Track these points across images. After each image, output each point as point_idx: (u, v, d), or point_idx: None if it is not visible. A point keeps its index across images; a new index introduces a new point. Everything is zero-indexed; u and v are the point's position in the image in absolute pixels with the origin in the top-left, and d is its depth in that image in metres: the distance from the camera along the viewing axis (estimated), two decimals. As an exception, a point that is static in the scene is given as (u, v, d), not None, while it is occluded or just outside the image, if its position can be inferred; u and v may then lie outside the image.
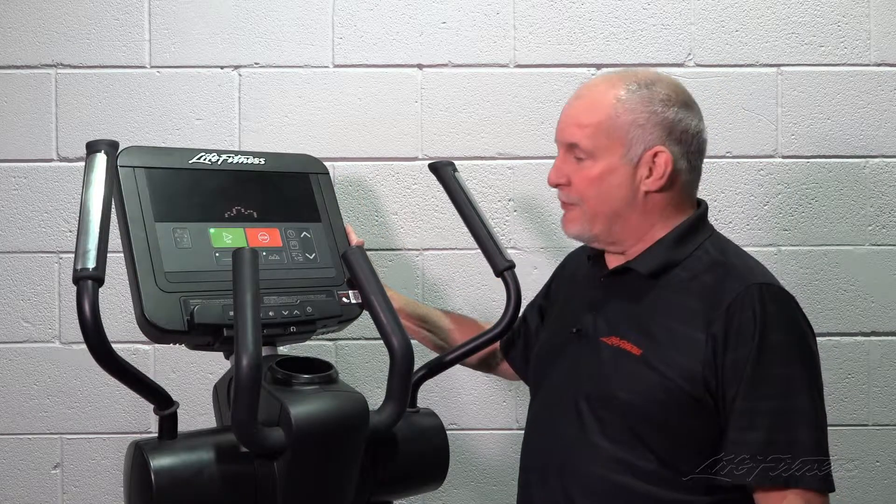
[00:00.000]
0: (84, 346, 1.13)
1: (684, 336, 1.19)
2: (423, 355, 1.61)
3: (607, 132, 1.23)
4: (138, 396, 1.21)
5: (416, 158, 1.90)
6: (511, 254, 1.66)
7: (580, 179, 1.26)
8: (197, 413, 1.77)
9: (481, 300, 1.90)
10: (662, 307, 1.23)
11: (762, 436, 1.13)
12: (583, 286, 1.40)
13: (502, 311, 1.53)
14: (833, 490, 1.17)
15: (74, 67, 1.87)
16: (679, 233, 1.27)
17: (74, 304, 1.14)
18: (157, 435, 1.22)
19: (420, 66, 1.90)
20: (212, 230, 1.39)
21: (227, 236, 1.40)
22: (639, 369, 1.21)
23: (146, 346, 1.86)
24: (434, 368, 1.50)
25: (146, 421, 1.88)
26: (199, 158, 1.43)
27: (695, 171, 1.29)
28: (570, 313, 1.38)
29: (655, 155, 1.23)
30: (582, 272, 1.45)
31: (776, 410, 1.14)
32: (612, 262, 1.34)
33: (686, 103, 1.27)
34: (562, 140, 1.29)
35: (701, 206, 1.32)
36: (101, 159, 1.25)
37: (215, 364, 1.82)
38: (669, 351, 1.19)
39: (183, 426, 1.24)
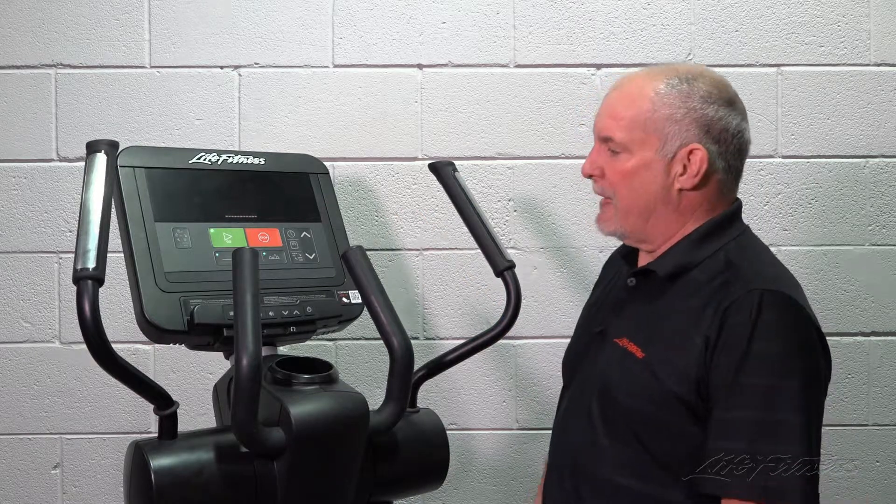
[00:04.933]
0: (84, 346, 1.13)
1: (684, 340, 1.16)
2: (423, 355, 1.61)
3: (643, 126, 1.21)
4: (138, 396, 1.21)
5: (416, 158, 1.90)
6: (511, 254, 1.66)
7: (613, 172, 1.24)
8: (197, 413, 1.77)
9: (481, 300, 1.90)
10: (672, 310, 1.21)
11: (742, 447, 1.09)
12: (614, 287, 1.38)
13: (502, 311, 1.53)
14: None
15: (74, 67, 1.87)
16: (700, 234, 1.23)
17: (74, 304, 1.14)
18: (157, 435, 1.22)
19: (420, 66, 1.90)
20: (212, 230, 1.39)
21: (227, 236, 1.40)
22: (639, 372, 1.19)
23: (146, 346, 1.86)
24: (434, 368, 1.50)
25: (146, 421, 1.88)
26: (199, 158, 1.43)
27: (732, 172, 1.25)
28: (597, 314, 1.37)
29: (691, 152, 1.20)
30: (618, 271, 1.42)
31: (756, 421, 1.09)
32: (641, 261, 1.32)
33: (728, 101, 1.24)
34: (598, 132, 1.27)
35: (732, 205, 1.28)
36: (101, 159, 1.25)
37: (215, 364, 1.82)
38: (669, 354, 1.17)
39: (183, 426, 1.24)
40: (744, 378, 1.10)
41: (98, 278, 1.15)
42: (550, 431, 1.39)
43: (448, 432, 1.46)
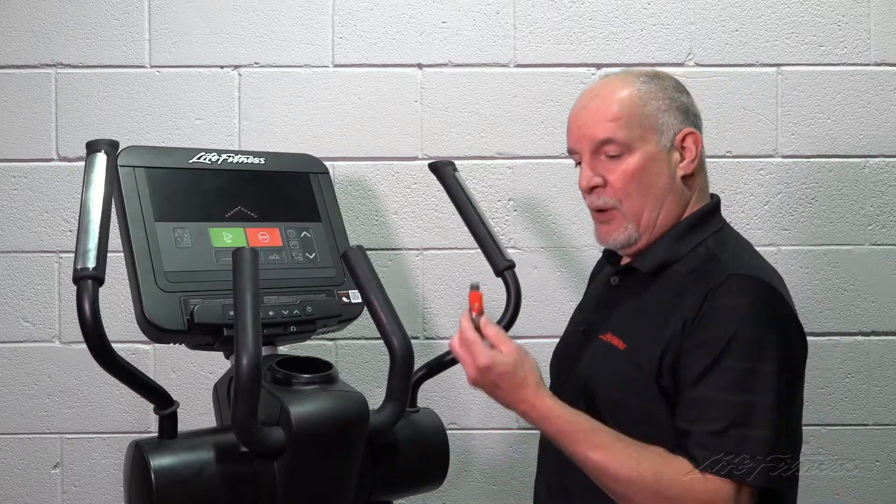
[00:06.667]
0: (84, 346, 1.13)
1: (664, 328, 1.17)
2: (423, 355, 1.62)
3: (639, 121, 1.23)
4: (138, 396, 1.21)
5: (416, 158, 1.90)
6: (511, 254, 1.66)
7: (619, 176, 1.24)
8: (197, 413, 1.77)
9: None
10: (655, 302, 1.22)
11: (713, 427, 1.09)
12: (598, 287, 1.41)
13: (502, 310, 1.53)
14: (786, 494, 1.13)
15: (74, 67, 1.87)
16: (681, 229, 1.25)
17: (74, 303, 1.14)
18: (157, 435, 1.22)
19: (420, 66, 1.90)
20: (212, 230, 1.39)
21: (227, 236, 1.40)
22: (621, 364, 1.20)
23: (146, 346, 1.86)
24: (434, 368, 1.50)
25: (146, 421, 1.88)
26: (199, 158, 1.43)
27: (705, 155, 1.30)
28: (582, 313, 1.39)
29: (685, 138, 1.24)
30: (602, 273, 1.45)
31: (728, 402, 1.10)
32: (624, 260, 1.34)
33: (687, 91, 1.29)
34: (591, 139, 1.25)
35: (712, 200, 1.30)
36: (101, 159, 1.25)
37: (215, 364, 1.82)
38: (648, 343, 1.18)
39: (183, 426, 1.24)
40: (721, 360, 1.11)
41: (98, 278, 1.15)
42: None
43: (448, 432, 1.46)
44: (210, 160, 1.44)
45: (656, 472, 1.10)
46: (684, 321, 1.15)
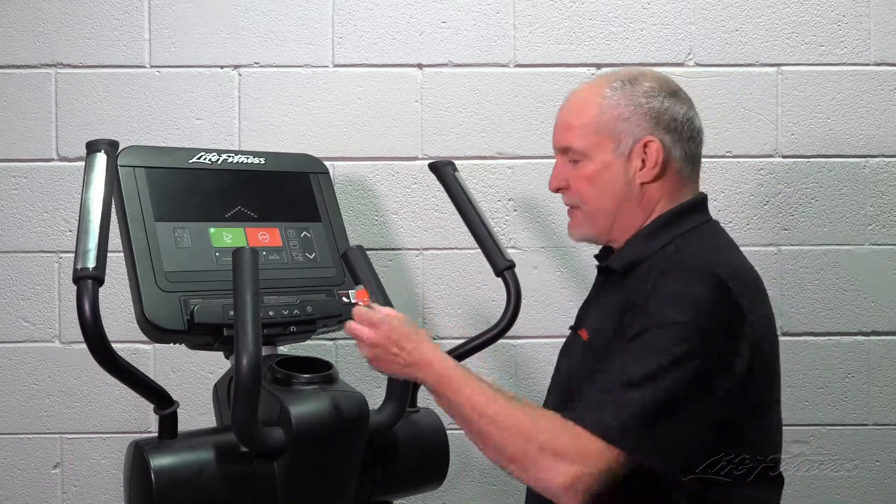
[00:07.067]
0: (84, 346, 1.13)
1: (615, 316, 1.19)
2: (423, 355, 1.61)
3: (595, 130, 1.25)
4: (138, 396, 1.22)
5: (416, 158, 1.90)
6: (511, 254, 1.66)
7: (577, 181, 1.28)
8: (197, 413, 1.76)
9: (481, 300, 1.90)
10: (619, 299, 1.23)
11: (600, 387, 1.10)
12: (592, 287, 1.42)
13: (502, 310, 1.53)
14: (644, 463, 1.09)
15: (74, 67, 1.87)
16: (651, 228, 1.26)
17: (74, 303, 1.14)
18: (157, 435, 1.22)
19: (420, 66, 1.90)
20: (212, 230, 1.39)
21: (227, 236, 1.40)
22: (585, 355, 1.23)
23: (146, 346, 1.85)
24: (434, 368, 1.50)
25: (146, 421, 1.88)
26: (199, 158, 1.43)
27: (691, 159, 1.27)
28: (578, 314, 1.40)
29: (646, 145, 1.23)
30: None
31: (623, 367, 1.10)
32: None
33: (673, 92, 1.27)
34: (556, 146, 1.31)
35: (692, 198, 1.28)
36: (101, 159, 1.26)
37: (215, 364, 1.82)
38: (603, 332, 1.20)
39: (183, 426, 1.24)
40: (639, 337, 1.12)
41: (98, 278, 1.15)
42: None
43: (448, 432, 1.46)
44: (210, 160, 1.44)
45: (527, 416, 1.12)
46: (628, 307, 1.17)
